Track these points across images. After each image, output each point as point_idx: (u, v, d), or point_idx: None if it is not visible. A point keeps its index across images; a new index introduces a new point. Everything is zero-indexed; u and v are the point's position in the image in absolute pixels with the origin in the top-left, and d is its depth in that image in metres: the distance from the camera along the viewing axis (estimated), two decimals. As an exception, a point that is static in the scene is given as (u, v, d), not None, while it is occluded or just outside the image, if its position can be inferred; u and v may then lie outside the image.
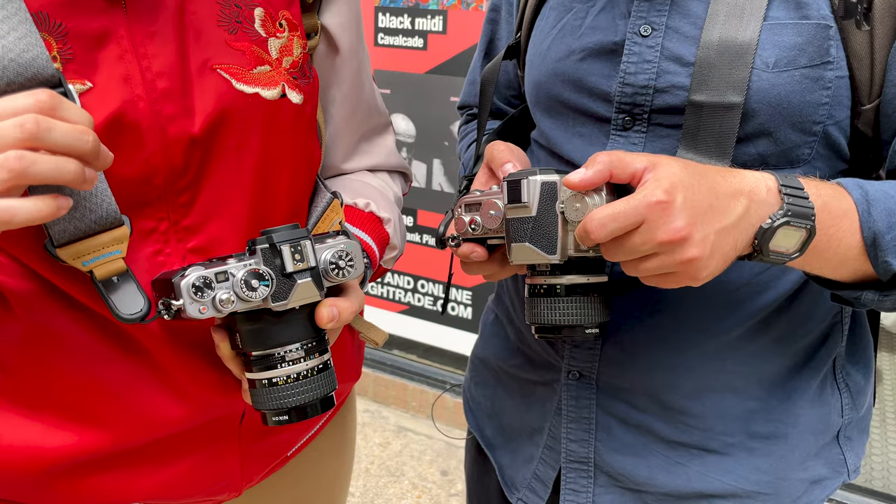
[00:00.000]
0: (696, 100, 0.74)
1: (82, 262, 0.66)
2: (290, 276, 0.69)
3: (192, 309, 0.65)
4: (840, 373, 0.89)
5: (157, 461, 0.79)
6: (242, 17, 0.76)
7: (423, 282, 2.84)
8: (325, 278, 0.71)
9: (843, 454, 0.92)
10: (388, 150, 1.03)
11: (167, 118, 0.70)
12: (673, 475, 0.87)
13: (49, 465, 0.73)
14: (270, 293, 0.67)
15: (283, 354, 0.70)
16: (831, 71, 0.73)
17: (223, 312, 0.66)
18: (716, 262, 0.64)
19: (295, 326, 0.70)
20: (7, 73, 0.61)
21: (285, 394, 0.70)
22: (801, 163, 0.77)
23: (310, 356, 0.71)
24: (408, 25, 2.62)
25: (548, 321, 0.73)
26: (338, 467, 1.08)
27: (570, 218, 0.68)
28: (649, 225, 0.61)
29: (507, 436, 1.02)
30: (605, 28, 0.82)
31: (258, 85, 0.76)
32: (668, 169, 0.63)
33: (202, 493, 0.84)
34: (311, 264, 0.70)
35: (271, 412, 0.71)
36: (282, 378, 0.70)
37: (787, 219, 0.65)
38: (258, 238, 0.69)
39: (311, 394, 0.71)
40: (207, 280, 0.65)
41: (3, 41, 0.61)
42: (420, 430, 2.86)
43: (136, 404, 0.75)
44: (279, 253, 0.68)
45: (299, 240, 0.69)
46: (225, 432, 0.83)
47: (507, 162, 0.79)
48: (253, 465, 0.88)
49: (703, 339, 0.83)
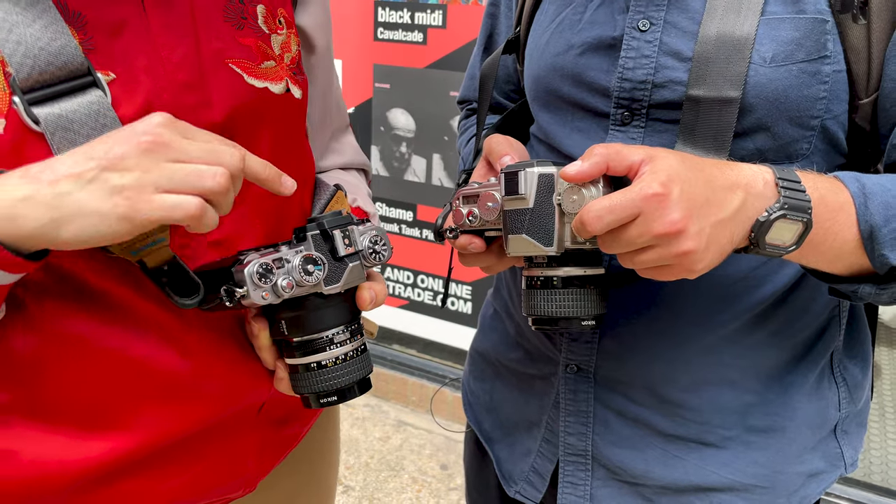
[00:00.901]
0: (693, 94, 0.75)
1: (131, 251, 0.66)
2: (342, 259, 0.71)
3: (255, 295, 0.67)
4: (837, 367, 0.90)
5: (183, 462, 0.78)
6: (247, 14, 0.76)
7: (422, 276, 2.85)
8: (365, 262, 0.74)
9: (841, 448, 0.92)
10: (354, 147, 1.05)
11: (189, 109, 0.70)
12: (670, 468, 0.87)
13: (73, 478, 0.71)
14: (324, 277, 0.70)
15: (331, 337, 0.72)
16: (828, 65, 0.73)
17: (282, 297, 0.68)
18: (712, 254, 0.64)
19: (340, 310, 0.73)
20: (38, 62, 0.61)
21: (333, 375, 0.72)
22: (799, 157, 0.77)
23: (353, 338, 0.74)
24: (407, 20, 2.62)
25: (544, 313, 0.74)
26: (329, 461, 1.10)
27: (567, 210, 0.68)
28: (645, 217, 0.61)
29: (505, 429, 1.02)
30: (603, 23, 0.82)
31: (267, 79, 0.77)
32: (664, 161, 0.63)
33: (222, 490, 0.84)
34: (359, 248, 0.73)
35: (318, 395, 0.73)
36: (330, 360, 0.72)
37: (783, 212, 0.65)
38: (307, 225, 0.71)
39: (356, 374, 0.73)
40: (268, 267, 0.67)
41: (29, 29, 0.60)
42: (420, 425, 2.87)
43: (163, 404, 0.74)
44: (331, 238, 0.71)
45: (347, 225, 0.72)
46: (244, 424, 0.83)
47: (505, 154, 0.80)
48: (267, 457, 0.89)
49: (701, 332, 0.83)
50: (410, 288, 2.88)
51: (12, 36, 0.60)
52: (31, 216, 0.56)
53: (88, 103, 0.63)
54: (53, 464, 0.70)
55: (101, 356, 0.70)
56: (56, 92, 0.62)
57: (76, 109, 0.62)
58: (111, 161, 0.57)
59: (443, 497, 2.50)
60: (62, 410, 0.70)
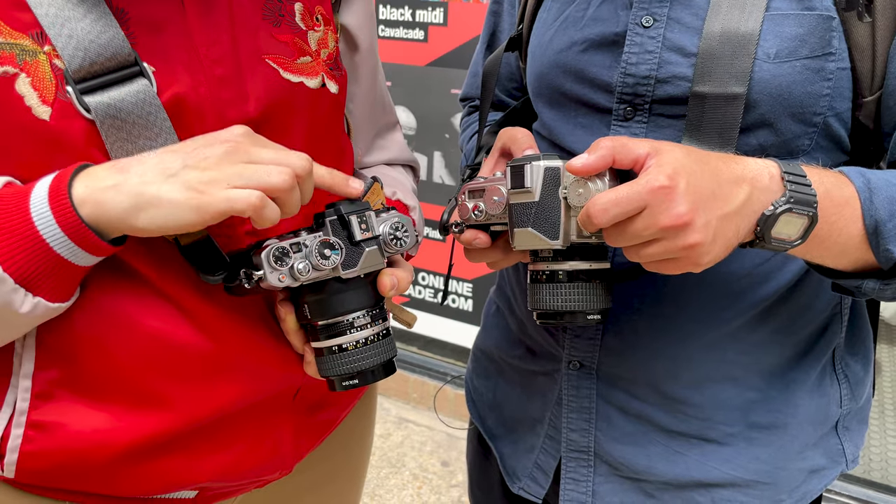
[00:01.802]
0: (699, 91, 0.75)
1: None
2: (359, 244, 0.73)
3: (272, 277, 0.69)
4: (839, 363, 0.90)
5: (219, 441, 0.81)
6: (284, 11, 0.79)
7: (423, 274, 2.85)
8: (385, 248, 0.75)
9: (842, 444, 0.92)
10: (401, 145, 1.07)
11: (226, 102, 0.73)
12: (672, 464, 0.88)
13: (115, 452, 0.74)
14: (341, 261, 0.71)
15: (352, 321, 0.74)
16: (833, 62, 0.73)
17: (299, 281, 0.70)
18: (718, 248, 0.64)
19: (361, 294, 0.75)
20: (90, 53, 0.65)
21: (354, 358, 0.74)
22: (801, 153, 0.77)
23: (375, 322, 0.75)
24: (408, 17, 2.62)
25: (549, 307, 0.74)
26: (365, 444, 1.12)
27: (573, 203, 0.68)
28: (652, 210, 0.62)
29: (508, 426, 1.03)
30: (606, 19, 0.82)
31: (302, 74, 0.79)
32: (670, 155, 0.63)
33: (258, 471, 0.86)
34: (376, 233, 0.74)
35: (340, 377, 0.75)
36: (351, 344, 0.74)
37: (789, 206, 0.65)
38: (325, 211, 0.73)
39: (377, 357, 0.75)
40: (285, 250, 0.69)
41: (81, 24, 0.65)
42: (421, 422, 2.87)
43: (200, 385, 0.77)
44: (348, 223, 0.72)
45: (364, 210, 0.73)
46: (280, 408, 0.86)
47: (529, 148, 0.79)
48: (304, 441, 0.92)
49: (704, 329, 0.83)
50: (412, 285, 2.88)
51: (65, 30, 0.65)
52: (116, 201, 0.62)
53: (136, 92, 0.67)
54: (98, 437, 0.73)
55: (141, 335, 0.73)
56: (105, 81, 0.66)
57: (124, 98, 0.66)
58: (194, 160, 0.64)
59: (444, 494, 2.51)
60: (106, 387, 0.73)
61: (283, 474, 0.90)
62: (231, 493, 0.89)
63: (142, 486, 0.78)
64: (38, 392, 0.71)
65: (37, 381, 0.71)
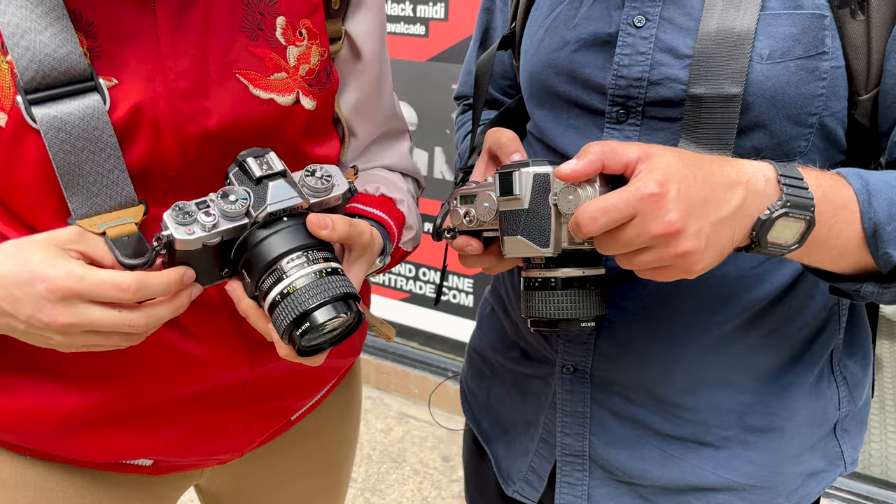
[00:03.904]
0: (694, 93, 0.73)
1: (97, 226, 0.71)
2: (261, 181, 0.71)
3: (179, 232, 0.67)
4: (837, 365, 0.89)
5: (166, 421, 0.85)
6: (265, 25, 0.79)
7: (424, 270, 2.84)
8: (304, 188, 0.73)
9: (840, 447, 0.91)
10: (402, 154, 1.05)
11: (185, 117, 0.74)
12: (667, 468, 0.87)
13: (63, 418, 0.80)
14: (250, 204, 0.70)
15: (286, 266, 0.70)
16: (827, 61, 0.72)
17: (210, 231, 0.68)
18: (711, 254, 0.63)
19: (287, 237, 0.71)
20: (43, 66, 0.67)
21: (298, 301, 0.68)
22: (797, 155, 0.76)
23: (313, 262, 0.70)
24: (409, 13, 2.61)
25: (543, 315, 0.72)
26: (342, 435, 1.12)
27: (564, 210, 0.67)
28: (642, 218, 0.60)
29: (502, 428, 1.02)
30: (599, 19, 0.81)
31: (273, 91, 0.79)
32: (661, 160, 0.62)
33: (207, 452, 0.91)
34: (279, 168, 0.72)
35: (292, 327, 0.69)
36: (291, 287, 0.69)
37: (785, 210, 0.63)
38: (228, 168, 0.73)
39: (327, 293, 0.69)
40: (187, 206, 0.68)
41: (40, 36, 0.67)
42: (421, 417, 2.87)
43: (146, 364, 0.80)
44: (247, 167, 0.71)
45: (263, 154, 0.72)
46: (230, 395, 0.88)
47: (516, 152, 0.78)
48: (256, 427, 0.93)
49: (698, 332, 0.82)
50: (412, 281, 2.88)
51: (23, 41, 0.67)
52: None
53: (84, 107, 0.68)
54: (47, 404, 0.80)
55: None
56: (55, 94, 0.68)
57: (71, 112, 0.68)
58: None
59: (444, 489, 2.51)
60: (56, 360, 0.77)
61: (234, 456, 0.95)
62: (187, 468, 0.94)
63: (93, 451, 0.84)
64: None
65: None
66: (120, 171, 0.71)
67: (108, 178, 0.70)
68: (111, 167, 0.70)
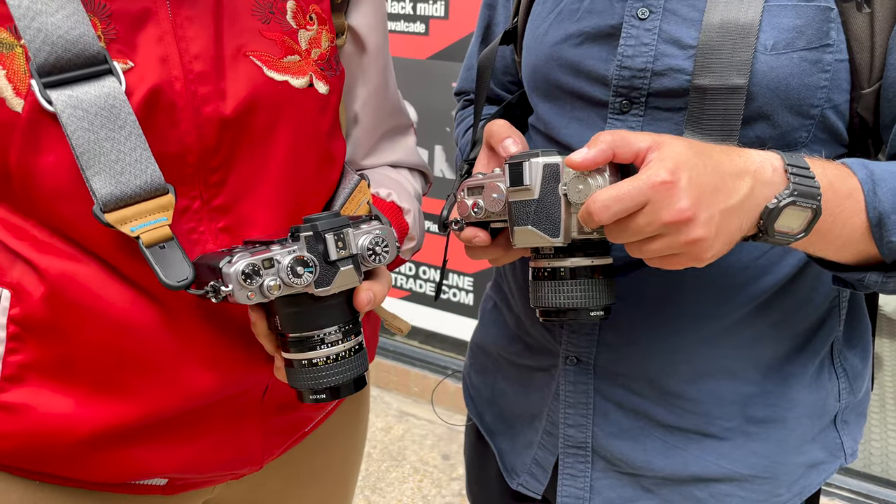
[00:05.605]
0: (699, 84, 0.74)
1: (129, 227, 0.69)
2: (334, 263, 0.70)
3: (240, 295, 0.67)
4: (838, 357, 0.89)
5: (185, 434, 0.82)
6: (275, 9, 0.79)
7: (424, 268, 2.85)
8: (362, 263, 0.73)
9: (841, 438, 0.92)
10: (409, 148, 1.05)
11: (202, 99, 0.73)
12: (670, 459, 0.87)
13: (81, 437, 0.75)
14: (314, 279, 0.69)
15: (323, 337, 0.72)
16: (830, 54, 0.72)
17: (269, 298, 0.68)
18: (721, 242, 0.63)
19: (334, 310, 0.73)
20: (56, 48, 0.66)
21: (323, 374, 0.72)
22: (799, 146, 0.76)
23: (346, 338, 0.73)
24: (409, 10, 2.61)
25: (552, 304, 0.73)
26: (351, 444, 1.11)
27: (573, 200, 0.67)
28: (654, 206, 0.61)
29: (506, 422, 1.02)
30: (602, 11, 0.81)
31: (288, 73, 0.79)
32: (672, 148, 0.62)
33: (225, 466, 0.87)
34: (353, 252, 0.72)
35: (308, 391, 0.74)
36: (321, 359, 0.72)
37: (792, 198, 0.64)
38: (301, 225, 0.71)
39: (347, 374, 0.73)
40: (255, 267, 0.67)
41: (52, 18, 0.66)
42: (422, 415, 2.87)
43: (166, 376, 0.77)
44: (323, 241, 0.70)
45: (342, 228, 0.71)
46: (248, 407, 0.86)
47: (507, 137, 0.79)
48: (274, 439, 0.92)
49: (701, 323, 0.83)
50: (412, 279, 2.88)
51: (34, 24, 0.65)
52: None
53: (100, 89, 0.67)
54: (64, 421, 0.74)
55: (109, 324, 0.73)
56: (71, 77, 0.67)
57: (87, 92, 0.67)
58: None
59: (444, 487, 2.51)
60: (74, 372, 0.74)
61: (252, 470, 0.91)
62: (202, 484, 0.90)
63: (108, 472, 0.79)
64: (7, 375, 0.73)
65: (7, 364, 0.73)
66: (143, 150, 0.69)
67: (131, 155, 0.68)
68: (133, 145, 0.68)
